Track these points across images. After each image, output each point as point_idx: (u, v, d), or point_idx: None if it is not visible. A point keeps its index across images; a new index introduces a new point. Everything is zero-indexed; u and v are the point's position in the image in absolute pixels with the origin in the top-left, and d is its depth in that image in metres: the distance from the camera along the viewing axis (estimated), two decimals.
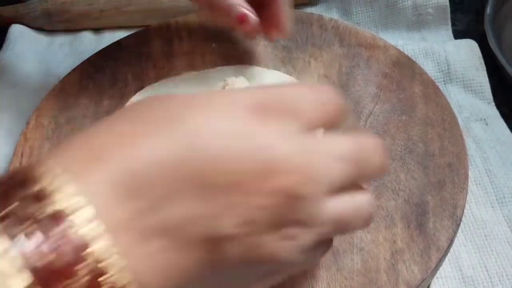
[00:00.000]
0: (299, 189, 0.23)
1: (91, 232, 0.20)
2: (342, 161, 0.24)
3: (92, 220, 0.20)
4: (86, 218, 0.20)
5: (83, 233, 0.20)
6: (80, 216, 0.20)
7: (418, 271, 0.34)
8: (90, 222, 0.20)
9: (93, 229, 0.20)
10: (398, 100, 0.44)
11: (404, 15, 0.59)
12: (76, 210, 0.20)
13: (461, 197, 0.37)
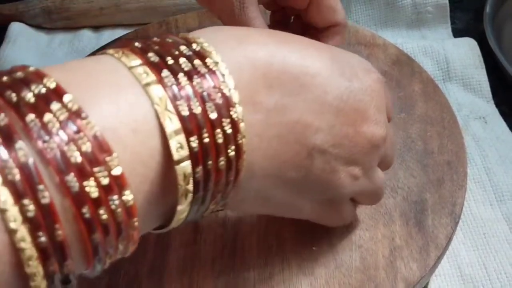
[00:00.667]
0: (378, 140, 0.28)
1: (232, 97, 0.22)
2: (390, 143, 0.31)
3: (233, 88, 0.22)
4: (229, 85, 0.22)
5: (229, 94, 0.22)
6: (226, 81, 0.22)
7: (417, 268, 0.34)
8: (232, 89, 0.22)
9: (234, 94, 0.22)
10: (398, 98, 0.44)
11: (403, 13, 0.59)
12: (224, 76, 0.22)
13: (460, 195, 0.37)
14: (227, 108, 0.22)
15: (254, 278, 0.34)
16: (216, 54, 0.23)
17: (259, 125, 0.24)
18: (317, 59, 0.26)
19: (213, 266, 0.34)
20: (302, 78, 0.25)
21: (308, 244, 0.35)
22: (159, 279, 0.34)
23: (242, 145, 0.23)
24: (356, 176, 0.28)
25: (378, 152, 0.29)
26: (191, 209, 0.23)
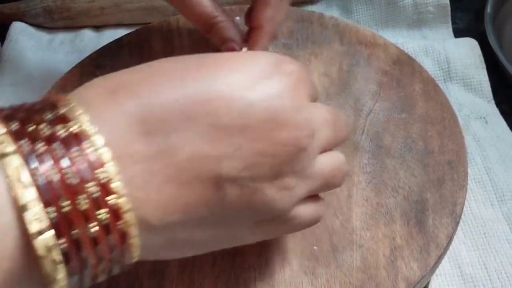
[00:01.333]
0: (302, 141, 0.25)
1: (100, 157, 0.21)
2: (328, 125, 0.27)
3: (101, 147, 0.21)
4: (97, 144, 0.21)
5: (94, 156, 0.21)
6: (92, 141, 0.21)
7: (418, 268, 0.34)
8: (100, 148, 0.21)
9: (102, 154, 0.21)
10: (398, 98, 0.44)
11: (404, 13, 0.59)
12: (89, 136, 0.21)
13: (461, 194, 0.37)
14: (91, 170, 0.21)
15: (255, 277, 0.34)
16: (84, 114, 0.22)
17: (141, 176, 0.22)
18: (206, 83, 0.24)
19: (213, 265, 0.35)
20: (187, 112, 0.23)
21: (309, 244, 0.35)
22: (160, 279, 0.34)
23: (118, 206, 0.21)
24: (288, 186, 0.25)
25: (309, 151, 0.26)
26: (70, 281, 0.21)
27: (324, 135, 0.27)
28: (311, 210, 0.29)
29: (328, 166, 0.28)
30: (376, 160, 0.40)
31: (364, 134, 0.42)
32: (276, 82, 0.25)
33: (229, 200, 0.24)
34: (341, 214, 0.37)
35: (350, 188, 0.38)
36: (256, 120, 0.24)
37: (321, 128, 0.27)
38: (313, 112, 0.26)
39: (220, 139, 0.23)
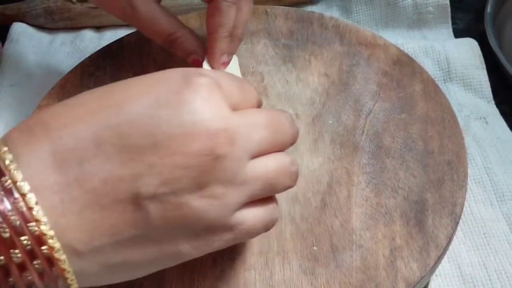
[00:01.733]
0: (218, 150, 0.25)
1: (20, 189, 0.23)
2: (259, 128, 0.27)
3: (21, 181, 0.23)
4: (16, 178, 0.23)
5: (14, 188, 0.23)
6: (12, 176, 0.23)
7: (417, 268, 0.34)
8: (19, 182, 0.23)
9: (22, 186, 0.23)
10: (398, 98, 0.44)
11: (404, 13, 0.59)
12: (10, 172, 0.23)
13: (460, 195, 0.38)
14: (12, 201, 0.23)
15: (255, 278, 0.34)
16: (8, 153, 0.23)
17: (61, 204, 0.23)
18: (114, 110, 0.25)
19: (213, 266, 0.35)
20: (97, 139, 0.24)
21: (309, 244, 0.35)
22: (160, 280, 0.34)
23: (40, 232, 0.23)
24: (215, 195, 0.25)
25: (233, 157, 0.26)
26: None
27: (256, 139, 0.27)
28: (259, 214, 0.28)
29: (267, 169, 0.28)
30: (376, 161, 0.40)
31: (364, 135, 0.42)
32: (185, 96, 0.25)
33: (154, 217, 0.24)
34: (341, 214, 0.37)
35: (350, 189, 0.38)
36: (166, 136, 0.24)
37: (252, 132, 0.27)
38: (235, 118, 0.26)
39: (133, 159, 0.24)
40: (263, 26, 0.51)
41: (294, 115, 0.43)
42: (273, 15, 0.52)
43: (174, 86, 0.26)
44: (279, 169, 0.28)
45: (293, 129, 0.30)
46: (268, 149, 0.28)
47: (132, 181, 0.24)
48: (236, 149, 0.26)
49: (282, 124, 0.29)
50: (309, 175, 0.39)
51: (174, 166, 0.24)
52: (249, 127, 0.27)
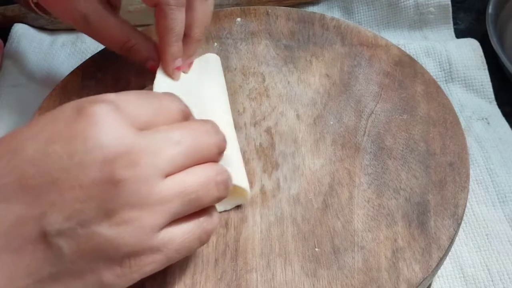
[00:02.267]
0: (118, 175, 0.25)
1: None
2: (171, 144, 0.27)
3: None
4: None
5: None
6: None
7: (419, 270, 0.34)
8: None
9: None
10: (400, 99, 0.44)
11: (406, 14, 0.59)
12: None
13: (462, 196, 0.37)
14: None
15: (257, 279, 0.34)
16: None
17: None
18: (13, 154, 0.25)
19: (215, 267, 0.35)
20: (2, 184, 0.25)
21: (310, 245, 0.35)
22: (162, 281, 0.34)
23: None
24: (128, 220, 0.25)
25: (138, 179, 0.25)
26: None
27: (168, 156, 0.27)
28: (189, 229, 0.28)
29: (184, 185, 0.27)
30: (378, 162, 0.40)
31: (366, 136, 0.41)
32: (76, 127, 0.25)
33: (67, 252, 0.25)
34: (343, 215, 0.37)
35: (352, 190, 0.38)
36: (62, 170, 0.24)
37: (162, 150, 0.26)
38: (139, 139, 0.26)
39: (36, 199, 0.24)
40: (264, 27, 0.51)
41: (295, 116, 0.43)
42: (274, 16, 0.52)
43: (67, 119, 0.26)
44: (200, 183, 0.28)
45: (216, 138, 0.30)
46: (186, 163, 0.28)
47: (37, 221, 0.24)
48: (140, 170, 0.25)
49: (200, 136, 0.29)
50: (311, 176, 0.39)
51: (75, 200, 0.24)
52: (158, 145, 0.26)
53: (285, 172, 0.40)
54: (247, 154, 0.41)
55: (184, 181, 0.27)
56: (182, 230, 0.28)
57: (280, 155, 0.41)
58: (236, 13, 0.52)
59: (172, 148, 0.27)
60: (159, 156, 0.26)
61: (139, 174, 0.25)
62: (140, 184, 0.25)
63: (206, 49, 0.49)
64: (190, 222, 0.28)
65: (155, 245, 0.26)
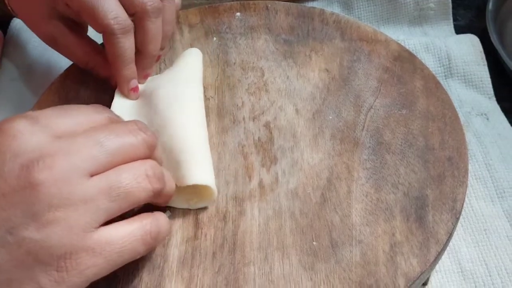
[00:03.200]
0: (35, 178, 0.25)
1: None
2: (92, 145, 0.28)
3: None
4: None
5: None
6: None
7: (417, 264, 0.34)
8: None
9: None
10: (399, 94, 0.44)
11: (405, 9, 0.59)
12: None
13: (461, 191, 0.37)
14: None
15: (254, 272, 0.34)
16: None
17: None
18: None
19: (213, 260, 0.35)
20: None
21: (308, 239, 0.35)
22: (160, 274, 0.34)
23: None
24: (53, 221, 0.26)
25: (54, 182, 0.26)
26: None
27: (89, 157, 0.27)
28: (129, 231, 0.28)
29: (110, 183, 0.28)
30: (376, 156, 0.40)
31: (364, 130, 0.41)
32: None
33: (1, 262, 0.25)
34: (341, 209, 0.37)
35: (350, 184, 0.38)
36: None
37: (84, 151, 0.27)
38: (56, 144, 0.27)
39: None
40: (263, 22, 0.51)
41: (294, 111, 0.43)
42: (273, 11, 0.52)
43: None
44: (127, 178, 0.28)
45: (142, 136, 0.30)
46: (113, 162, 0.28)
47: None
48: (57, 171, 0.26)
49: (123, 135, 0.29)
50: (309, 170, 0.39)
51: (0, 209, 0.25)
52: (77, 147, 0.27)
53: (284, 167, 0.40)
54: (245, 148, 0.41)
55: (109, 177, 0.28)
56: (122, 231, 0.28)
57: (279, 149, 0.41)
58: (236, 7, 0.52)
59: (93, 148, 0.28)
60: (78, 156, 0.27)
61: (56, 175, 0.26)
62: (59, 185, 0.26)
63: (205, 44, 0.49)
64: (131, 224, 0.29)
65: (90, 246, 0.27)
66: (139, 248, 0.29)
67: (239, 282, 0.33)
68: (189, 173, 0.36)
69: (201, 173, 0.37)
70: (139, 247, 0.29)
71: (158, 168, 0.30)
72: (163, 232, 0.31)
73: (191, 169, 0.36)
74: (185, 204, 0.37)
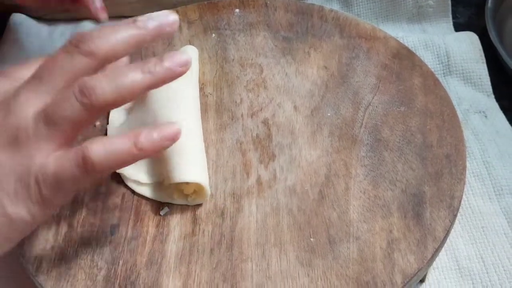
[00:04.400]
0: None
1: None
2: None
3: None
4: None
5: None
6: None
7: (414, 261, 0.34)
8: None
9: None
10: (397, 91, 0.44)
11: (404, 7, 0.59)
12: None
13: (459, 188, 0.37)
14: None
15: (252, 269, 0.34)
16: None
17: None
18: None
19: (211, 256, 0.35)
20: None
21: (306, 235, 0.35)
22: (157, 270, 0.34)
23: None
24: None
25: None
26: None
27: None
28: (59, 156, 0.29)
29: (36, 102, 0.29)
30: (374, 153, 0.40)
31: (363, 127, 0.41)
32: None
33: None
34: (338, 206, 0.37)
35: (348, 181, 0.38)
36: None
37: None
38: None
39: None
40: (262, 18, 0.51)
41: (292, 108, 0.43)
42: (272, 7, 0.51)
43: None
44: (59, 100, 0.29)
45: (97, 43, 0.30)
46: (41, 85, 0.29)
47: None
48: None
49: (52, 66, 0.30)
50: (307, 167, 0.39)
51: None
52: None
53: (282, 163, 0.40)
54: (243, 145, 0.41)
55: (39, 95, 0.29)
56: (55, 156, 0.29)
57: (277, 146, 0.41)
58: (235, 4, 0.52)
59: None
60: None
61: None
62: None
63: (204, 40, 0.49)
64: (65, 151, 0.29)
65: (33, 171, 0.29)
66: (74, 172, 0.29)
67: (236, 278, 0.34)
68: (179, 171, 0.36)
69: (192, 170, 0.37)
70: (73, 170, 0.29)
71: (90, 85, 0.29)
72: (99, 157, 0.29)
73: (182, 167, 0.36)
74: (183, 200, 0.37)
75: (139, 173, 0.38)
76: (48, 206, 0.29)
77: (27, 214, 0.29)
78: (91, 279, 0.34)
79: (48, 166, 0.28)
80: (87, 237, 0.36)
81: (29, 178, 0.28)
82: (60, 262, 0.34)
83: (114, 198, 0.38)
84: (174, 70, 0.30)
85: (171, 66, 0.30)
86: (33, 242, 0.35)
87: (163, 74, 0.30)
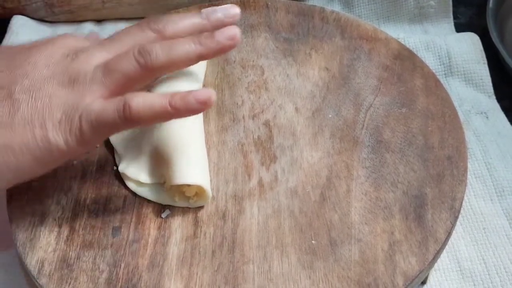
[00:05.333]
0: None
1: None
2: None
3: None
4: None
5: None
6: None
7: (416, 263, 0.34)
8: None
9: None
10: (399, 92, 0.44)
11: (406, 8, 0.59)
12: None
13: (460, 189, 0.37)
14: None
15: (253, 271, 0.34)
16: None
17: None
18: None
19: (212, 259, 0.35)
20: None
21: (307, 238, 0.35)
22: (159, 272, 0.34)
23: None
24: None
25: None
26: None
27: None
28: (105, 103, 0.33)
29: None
30: (376, 155, 0.40)
31: (364, 129, 0.41)
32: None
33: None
34: (340, 208, 0.37)
35: (349, 183, 0.38)
36: None
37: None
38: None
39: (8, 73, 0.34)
40: (263, 20, 0.51)
41: (294, 109, 0.43)
42: (274, 9, 0.51)
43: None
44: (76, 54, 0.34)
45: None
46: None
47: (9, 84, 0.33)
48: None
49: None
50: (309, 169, 0.39)
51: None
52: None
53: (283, 165, 0.40)
54: (245, 146, 0.41)
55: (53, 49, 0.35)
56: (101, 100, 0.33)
57: (278, 147, 0.41)
58: (236, 5, 0.52)
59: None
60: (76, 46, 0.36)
61: None
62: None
63: None
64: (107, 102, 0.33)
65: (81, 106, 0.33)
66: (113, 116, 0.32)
67: (238, 281, 0.34)
68: (181, 173, 0.36)
69: (193, 173, 0.37)
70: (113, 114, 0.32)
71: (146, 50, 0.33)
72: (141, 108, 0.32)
73: (183, 169, 0.36)
74: (185, 203, 0.37)
75: (140, 173, 0.38)
76: (83, 143, 0.33)
77: (64, 144, 0.32)
78: (93, 281, 0.34)
79: (93, 106, 0.32)
80: (88, 240, 0.36)
81: (75, 113, 0.32)
82: (62, 264, 0.34)
83: (115, 200, 0.38)
84: (224, 43, 0.34)
85: (220, 40, 0.34)
86: (35, 245, 0.35)
87: (213, 46, 0.34)
